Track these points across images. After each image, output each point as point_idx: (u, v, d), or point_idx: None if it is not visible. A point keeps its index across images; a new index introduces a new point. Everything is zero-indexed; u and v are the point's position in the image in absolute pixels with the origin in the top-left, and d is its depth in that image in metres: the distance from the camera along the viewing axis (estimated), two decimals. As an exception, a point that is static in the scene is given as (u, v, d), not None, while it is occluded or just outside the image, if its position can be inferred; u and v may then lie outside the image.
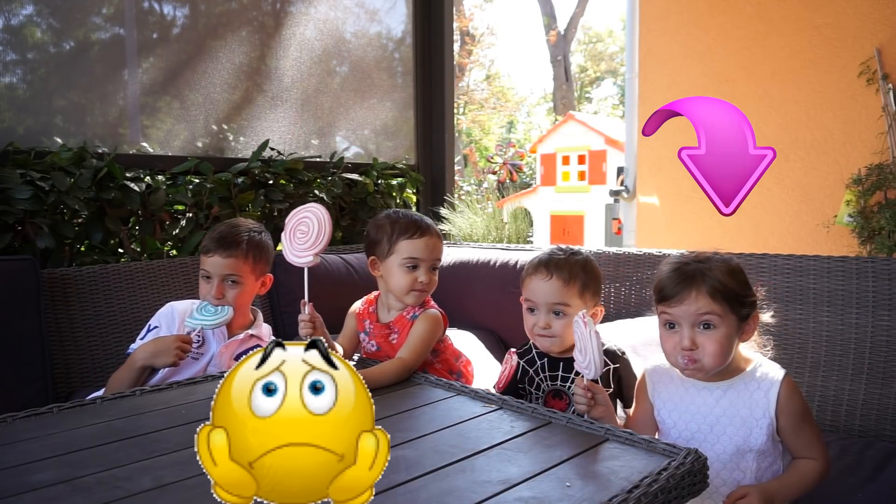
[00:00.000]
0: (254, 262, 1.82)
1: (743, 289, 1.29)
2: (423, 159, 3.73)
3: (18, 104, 2.41)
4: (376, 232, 1.72)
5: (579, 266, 1.53)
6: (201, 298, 1.79)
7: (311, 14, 3.26)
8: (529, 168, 13.59)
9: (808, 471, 1.29)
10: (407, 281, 1.68)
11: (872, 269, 1.90)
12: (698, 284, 1.26)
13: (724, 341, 1.26)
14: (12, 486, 0.92)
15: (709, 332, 1.27)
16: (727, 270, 1.29)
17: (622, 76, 15.17)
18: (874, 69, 3.57)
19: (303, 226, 1.58)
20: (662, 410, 1.38)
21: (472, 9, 20.18)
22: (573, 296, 1.50)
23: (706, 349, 1.26)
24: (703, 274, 1.27)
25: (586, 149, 10.93)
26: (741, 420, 1.29)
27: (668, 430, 1.37)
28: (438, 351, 1.77)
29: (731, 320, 1.27)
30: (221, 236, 1.79)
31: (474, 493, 0.91)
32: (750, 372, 1.32)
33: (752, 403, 1.29)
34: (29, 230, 2.16)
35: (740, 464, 1.30)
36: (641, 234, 4.72)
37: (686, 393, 1.35)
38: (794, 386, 1.30)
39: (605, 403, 1.32)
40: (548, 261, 1.54)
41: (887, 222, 3.33)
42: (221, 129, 2.96)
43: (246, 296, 1.83)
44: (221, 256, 1.76)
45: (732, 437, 1.29)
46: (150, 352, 1.67)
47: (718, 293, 1.26)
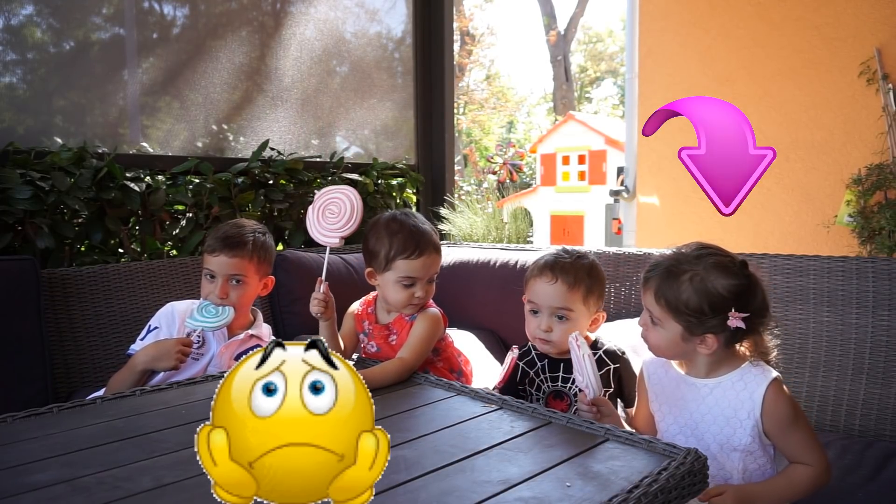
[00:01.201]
0: (258, 263, 1.82)
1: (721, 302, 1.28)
2: (423, 159, 3.73)
3: (18, 104, 2.41)
4: (374, 243, 1.68)
5: (584, 271, 1.51)
6: (203, 298, 1.78)
7: (311, 14, 3.26)
8: (529, 168, 13.59)
9: (799, 476, 1.27)
10: (403, 297, 1.66)
11: (872, 269, 1.90)
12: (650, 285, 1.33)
13: (669, 338, 1.30)
14: (12, 486, 0.92)
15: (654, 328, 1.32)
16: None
17: (622, 76, 15.17)
18: (874, 69, 3.57)
19: (333, 206, 1.59)
20: (654, 402, 1.40)
21: (472, 9, 20.19)
22: (577, 301, 1.49)
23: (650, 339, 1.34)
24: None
25: (586, 149, 10.93)
26: (725, 419, 1.29)
27: (658, 422, 1.38)
28: (440, 349, 1.77)
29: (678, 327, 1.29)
30: (227, 236, 1.78)
31: (474, 493, 0.91)
32: (738, 372, 1.31)
33: (737, 404, 1.29)
34: (29, 230, 2.16)
35: (725, 463, 1.30)
36: (641, 234, 4.72)
37: (676, 388, 1.36)
38: (781, 390, 1.28)
39: (612, 413, 1.34)
40: (553, 263, 1.52)
41: (887, 222, 3.33)
42: (221, 129, 2.96)
43: (249, 296, 1.83)
44: (227, 256, 1.76)
45: (716, 434, 1.29)
46: (151, 355, 1.66)
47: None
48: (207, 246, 1.80)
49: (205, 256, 1.80)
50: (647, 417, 1.42)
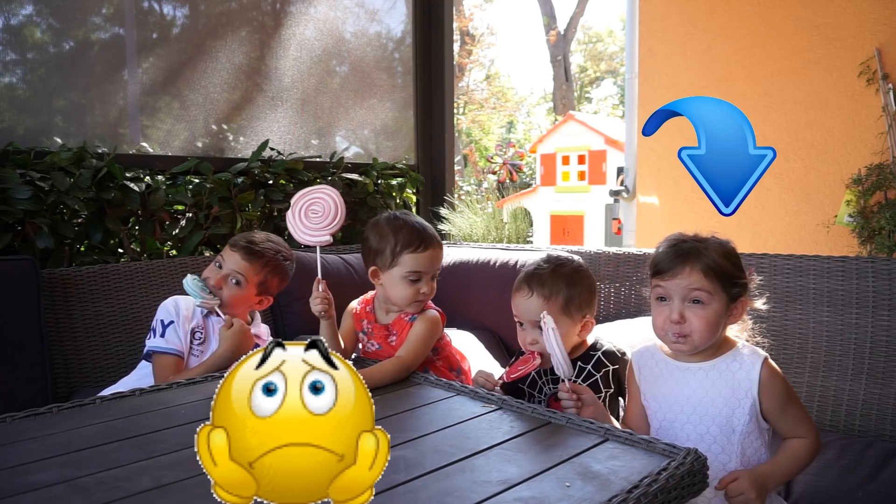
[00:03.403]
0: (263, 278, 1.86)
1: (735, 270, 1.32)
2: (423, 159, 3.73)
3: (18, 104, 2.41)
4: (378, 241, 1.68)
5: (563, 280, 1.49)
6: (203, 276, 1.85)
7: (311, 14, 3.26)
8: (529, 168, 13.58)
9: (799, 449, 1.30)
10: (409, 293, 1.67)
11: (872, 269, 1.90)
12: (692, 261, 1.30)
13: (712, 318, 1.29)
14: (12, 486, 0.92)
15: (697, 308, 1.29)
16: (722, 252, 1.32)
17: (622, 76, 15.18)
18: (874, 69, 3.57)
19: (316, 206, 1.62)
20: (647, 394, 1.39)
21: (472, 9, 20.19)
22: (555, 313, 1.46)
23: (693, 324, 1.29)
24: (698, 252, 1.30)
25: (586, 149, 10.93)
26: (723, 400, 1.30)
27: (654, 413, 1.38)
28: (439, 349, 1.77)
29: (721, 299, 1.30)
30: (254, 242, 1.86)
31: (474, 493, 0.91)
32: (732, 353, 1.34)
33: (735, 384, 1.30)
34: (29, 230, 2.16)
35: (725, 446, 1.30)
36: (641, 234, 4.72)
37: (670, 375, 1.37)
38: (774, 368, 1.32)
39: (593, 402, 1.33)
40: (531, 276, 1.51)
41: (887, 222, 3.33)
42: (221, 129, 2.96)
43: (239, 299, 1.86)
44: (241, 256, 1.83)
45: (716, 417, 1.30)
46: (236, 346, 1.74)
47: (712, 271, 1.29)
48: (235, 241, 1.88)
49: (226, 248, 1.88)
50: (639, 415, 1.42)
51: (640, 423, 1.41)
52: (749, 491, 1.20)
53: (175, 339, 1.77)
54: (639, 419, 1.41)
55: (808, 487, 1.55)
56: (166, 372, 1.73)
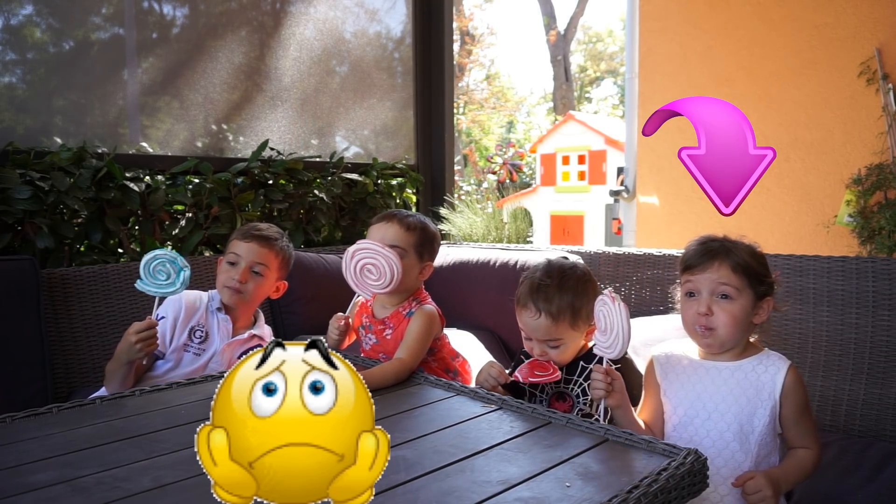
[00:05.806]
0: (281, 262, 1.90)
1: (763, 269, 1.36)
2: (423, 159, 3.73)
3: (18, 104, 2.41)
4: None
5: (570, 294, 1.46)
6: (221, 284, 1.85)
7: (311, 14, 3.26)
8: (529, 168, 13.58)
9: (806, 459, 1.33)
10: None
11: (872, 269, 1.90)
12: (722, 257, 1.34)
13: (738, 313, 1.32)
14: (12, 486, 0.92)
15: (725, 303, 1.33)
16: (750, 251, 1.37)
17: (622, 76, 15.18)
18: (874, 69, 3.57)
19: (374, 267, 1.63)
20: (669, 390, 1.40)
21: (472, 9, 20.19)
22: (564, 330, 1.46)
23: (720, 318, 1.32)
24: (727, 249, 1.35)
25: (586, 149, 10.93)
26: (746, 399, 1.32)
27: (674, 408, 1.39)
28: (434, 349, 1.77)
29: (748, 296, 1.33)
30: (261, 229, 1.88)
31: (474, 493, 0.91)
32: (759, 356, 1.37)
33: (759, 385, 1.33)
34: (29, 230, 2.15)
35: (743, 445, 1.32)
36: (641, 234, 4.72)
37: (694, 373, 1.39)
38: (799, 375, 1.35)
39: (622, 391, 1.32)
40: (536, 292, 1.47)
41: (887, 222, 3.33)
42: (221, 129, 2.96)
43: (263, 291, 1.88)
44: (257, 244, 1.84)
45: (737, 415, 1.32)
46: (123, 349, 1.65)
47: (740, 267, 1.33)
48: (239, 233, 1.88)
49: (233, 242, 1.87)
50: (653, 411, 1.42)
51: (653, 419, 1.42)
52: (766, 488, 1.22)
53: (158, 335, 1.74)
54: (651, 415, 1.43)
55: (809, 487, 1.55)
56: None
